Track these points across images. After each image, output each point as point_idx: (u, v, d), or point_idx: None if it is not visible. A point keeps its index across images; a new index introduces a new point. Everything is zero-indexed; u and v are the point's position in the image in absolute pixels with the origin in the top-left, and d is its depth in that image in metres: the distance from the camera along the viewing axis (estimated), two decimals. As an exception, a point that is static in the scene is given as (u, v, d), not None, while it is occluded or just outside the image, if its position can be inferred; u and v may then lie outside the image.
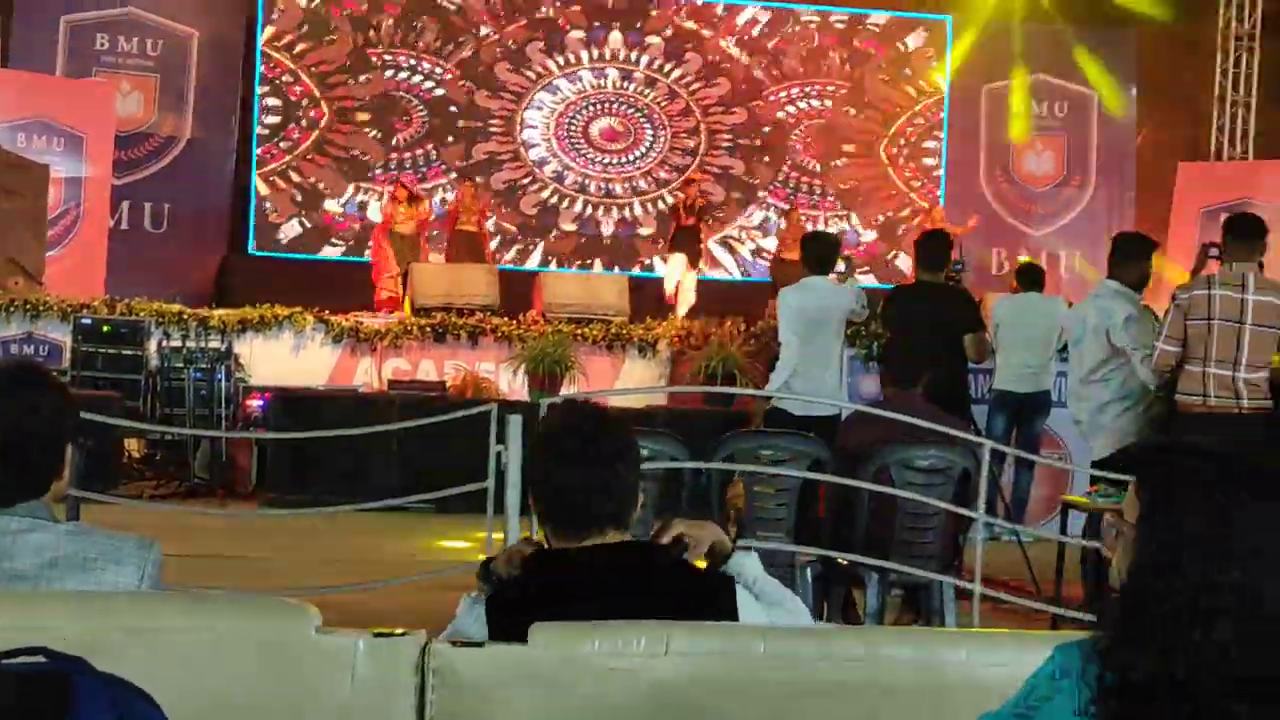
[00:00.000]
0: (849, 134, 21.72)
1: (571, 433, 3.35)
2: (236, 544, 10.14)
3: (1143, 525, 2.28)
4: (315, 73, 20.44)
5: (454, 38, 20.86)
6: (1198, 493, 2.22)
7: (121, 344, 14.12)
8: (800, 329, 9.63)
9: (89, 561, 3.21)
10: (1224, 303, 8.11)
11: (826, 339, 9.76)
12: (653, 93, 21.40)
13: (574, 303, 16.40)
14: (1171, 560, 2.20)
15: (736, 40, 21.59)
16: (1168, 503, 2.25)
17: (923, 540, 7.50)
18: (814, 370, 9.62)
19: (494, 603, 3.20)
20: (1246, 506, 2.19)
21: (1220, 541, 2.17)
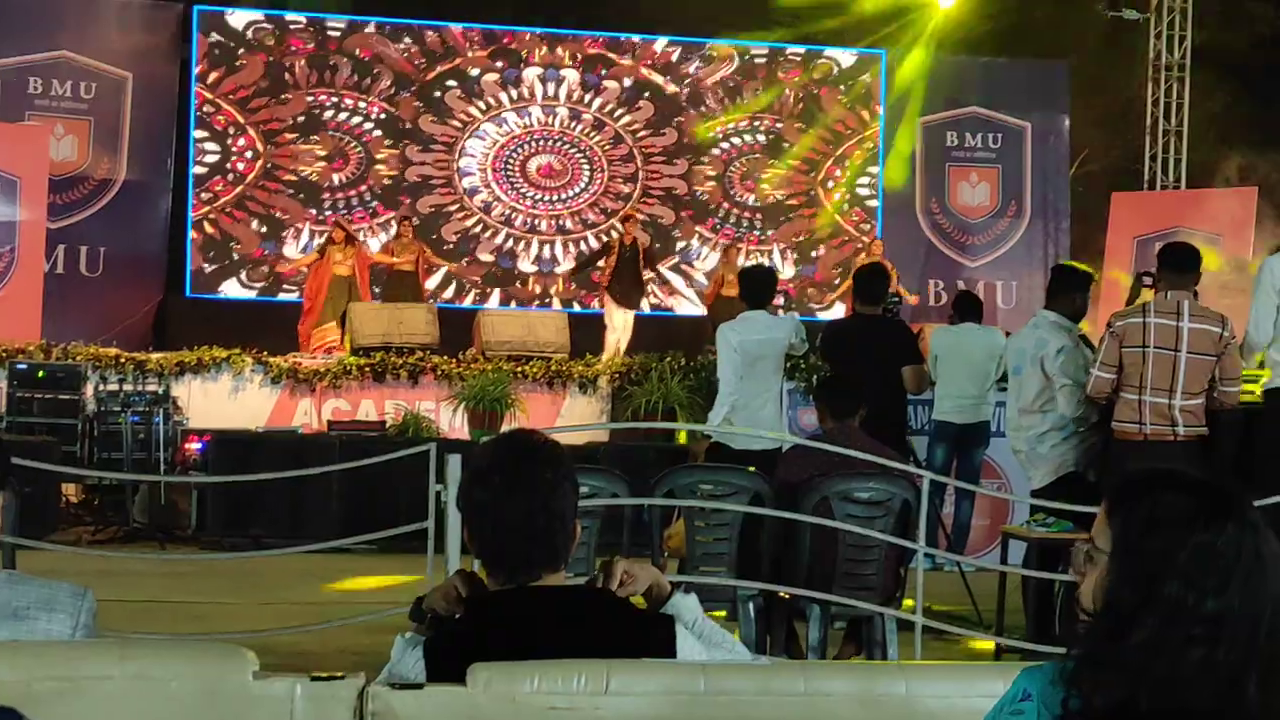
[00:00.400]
0: (786, 169, 21.76)
1: (505, 462, 3.31)
2: (176, 588, 10.07)
3: (1119, 554, 2.28)
4: (251, 113, 20.36)
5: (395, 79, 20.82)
6: (1178, 525, 2.23)
7: (58, 389, 14.02)
8: (739, 363, 9.57)
9: (21, 610, 3.18)
10: (1159, 331, 8.16)
11: (766, 373, 9.72)
12: (598, 135, 21.41)
13: (513, 340, 16.38)
14: (1146, 589, 2.20)
15: (680, 78, 21.62)
16: (1147, 534, 2.25)
17: (864, 572, 7.51)
18: (754, 404, 9.59)
19: (432, 644, 3.17)
20: (1228, 535, 2.20)
21: (1197, 573, 2.18)
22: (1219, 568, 2.19)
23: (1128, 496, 2.34)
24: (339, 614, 8.45)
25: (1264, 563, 2.20)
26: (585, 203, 21.31)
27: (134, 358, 14.92)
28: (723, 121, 21.67)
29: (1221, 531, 2.21)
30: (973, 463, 11.92)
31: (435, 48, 21.04)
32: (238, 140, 20.32)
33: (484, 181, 21.07)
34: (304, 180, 20.44)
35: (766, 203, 21.68)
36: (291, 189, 20.40)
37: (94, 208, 19.18)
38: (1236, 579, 2.18)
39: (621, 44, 21.54)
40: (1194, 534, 2.21)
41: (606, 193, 21.38)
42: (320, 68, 20.61)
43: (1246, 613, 2.17)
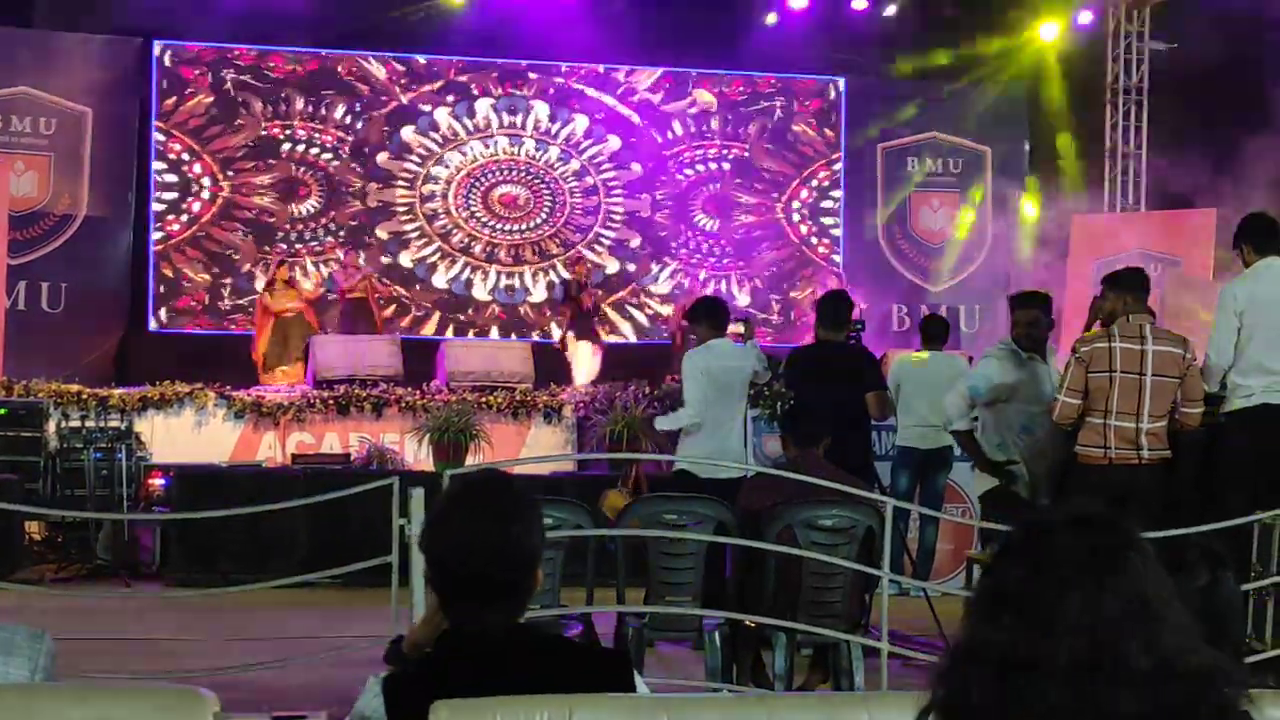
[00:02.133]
0: (747, 195, 21.81)
1: (470, 503, 3.32)
2: (140, 626, 10.02)
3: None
4: (210, 147, 20.33)
5: (356, 107, 20.82)
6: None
7: (20, 426, 13.95)
8: (706, 390, 9.64)
9: (-21, 655, 3.16)
10: (1125, 355, 8.21)
11: (732, 401, 9.80)
12: (563, 166, 21.42)
13: (477, 371, 16.37)
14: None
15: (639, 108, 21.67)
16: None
17: (829, 600, 7.53)
18: (719, 432, 9.64)
19: (391, 683, 3.17)
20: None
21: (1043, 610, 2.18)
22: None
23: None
24: (304, 649, 8.42)
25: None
26: (545, 234, 21.30)
27: (96, 394, 14.86)
28: (688, 148, 21.70)
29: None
30: (936, 488, 11.97)
31: (397, 78, 21.03)
32: (195, 172, 20.26)
33: (444, 209, 21.05)
34: (261, 214, 20.39)
35: (730, 230, 21.70)
36: (247, 225, 20.35)
37: (55, 243, 19.10)
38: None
39: (586, 74, 21.56)
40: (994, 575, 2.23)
41: (567, 224, 21.38)
42: (276, 100, 20.58)
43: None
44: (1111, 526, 2.21)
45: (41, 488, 13.69)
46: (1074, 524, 2.21)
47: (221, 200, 20.30)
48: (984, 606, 2.21)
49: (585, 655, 3.38)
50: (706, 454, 9.40)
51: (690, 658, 7.70)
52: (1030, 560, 2.19)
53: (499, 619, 3.24)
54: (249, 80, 20.56)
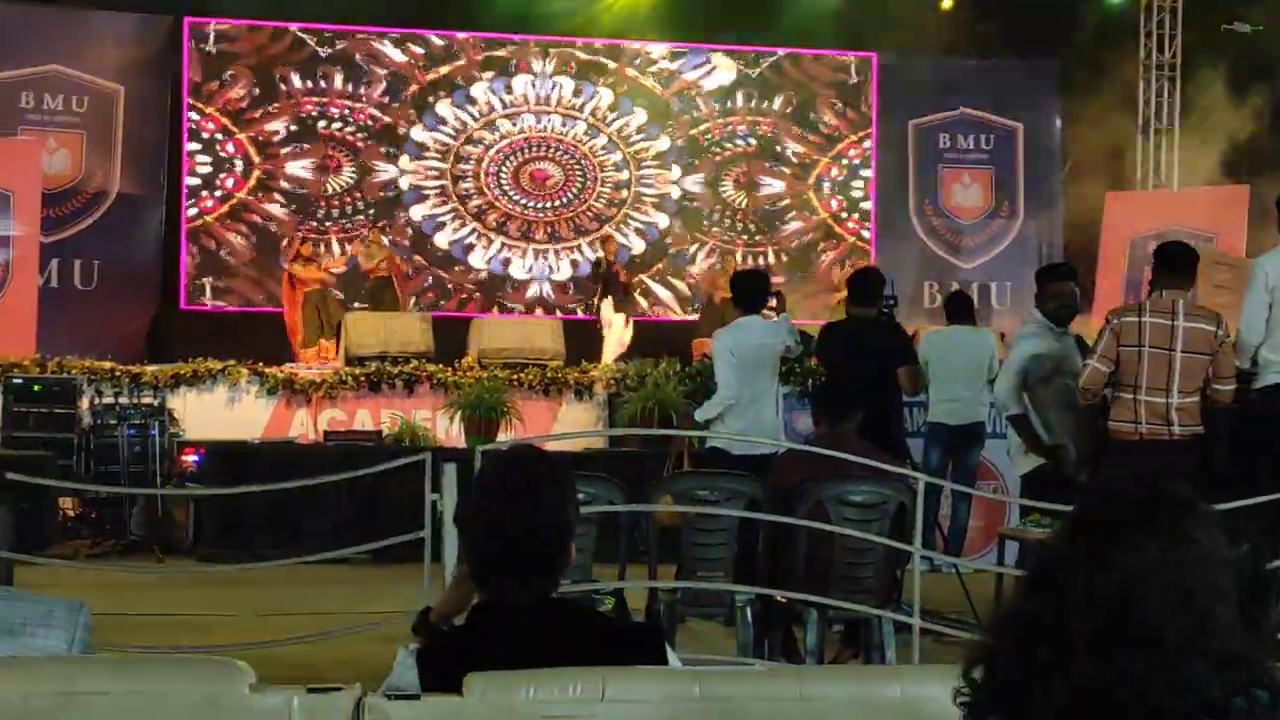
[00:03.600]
0: (776, 172, 21.77)
1: (506, 478, 3.34)
2: (174, 601, 10.06)
3: None
4: (242, 124, 20.37)
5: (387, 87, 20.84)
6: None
7: (54, 403, 13.99)
8: (736, 369, 9.58)
9: (17, 627, 3.18)
10: (1154, 330, 8.17)
11: (763, 378, 9.73)
12: (592, 141, 21.42)
13: (509, 348, 16.38)
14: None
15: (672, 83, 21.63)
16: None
17: (861, 575, 7.53)
18: (751, 409, 9.58)
19: (426, 655, 3.18)
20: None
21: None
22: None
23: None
24: (337, 625, 8.45)
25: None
26: (578, 211, 21.30)
27: (129, 370, 14.90)
28: (717, 125, 21.68)
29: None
30: (968, 464, 11.92)
31: (429, 55, 21.03)
32: (229, 150, 20.31)
33: (477, 188, 21.06)
34: (295, 191, 20.43)
35: (760, 207, 21.68)
36: (283, 199, 20.39)
37: (87, 221, 19.19)
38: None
39: (616, 51, 21.52)
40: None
41: (599, 199, 21.38)
42: (311, 76, 20.61)
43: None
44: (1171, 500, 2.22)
45: (75, 464, 13.73)
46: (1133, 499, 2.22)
47: (254, 178, 20.34)
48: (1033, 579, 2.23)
49: (618, 628, 3.39)
50: (739, 431, 9.39)
51: (722, 634, 7.71)
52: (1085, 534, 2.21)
53: (533, 592, 3.25)
54: (280, 57, 20.58)
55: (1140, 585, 2.13)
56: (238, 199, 20.29)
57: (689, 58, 21.71)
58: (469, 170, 21.06)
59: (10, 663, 3.08)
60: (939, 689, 2.99)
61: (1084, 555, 2.19)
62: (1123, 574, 2.14)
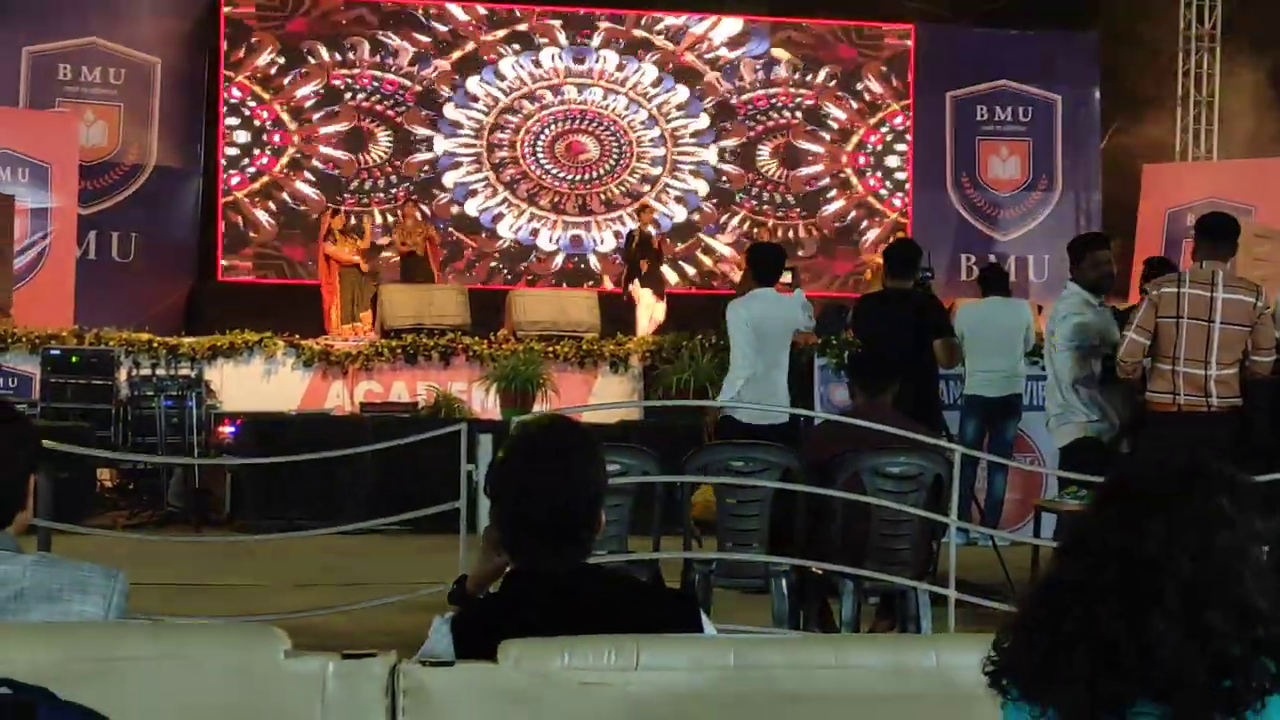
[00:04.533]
0: (815, 144, 21.72)
1: (535, 446, 3.34)
2: (210, 571, 10.10)
3: None
4: (279, 97, 20.40)
5: (421, 58, 20.84)
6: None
7: (91, 374, 14.05)
8: (751, 340, 9.64)
9: (55, 593, 3.19)
10: (1193, 301, 8.13)
11: (777, 349, 9.79)
12: (630, 114, 21.39)
13: (545, 320, 16.39)
14: None
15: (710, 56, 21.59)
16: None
17: (897, 547, 7.50)
18: (765, 380, 9.64)
19: (460, 622, 3.19)
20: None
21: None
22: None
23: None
24: (372, 595, 8.47)
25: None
26: (613, 184, 21.29)
27: (166, 342, 14.95)
28: (757, 97, 21.62)
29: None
30: (1004, 437, 11.90)
31: (464, 24, 21.01)
32: (265, 123, 20.35)
33: (512, 158, 21.06)
34: (332, 162, 20.45)
35: (796, 180, 21.62)
36: (316, 174, 20.42)
37: (125, 193, 19.25)
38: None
39: (655, 23, 21.49)
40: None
41: (634, 173, 21.36)
42: (344, 49, 20.62)
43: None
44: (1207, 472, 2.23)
45: (113, 435, 13.79)
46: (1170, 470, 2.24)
47: (291, 150, 20.37)
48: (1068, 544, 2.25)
49: (652, 595, 3.39)
50: (753, 401, 9.46)
51: (756, 606, 7.70)
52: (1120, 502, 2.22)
53: (563, 559, 3.25)
54: (316, 29, 20.58)
55: (1170, 550, 2.14)
56: (274, 172, 20.31)
57: (727, 28, 21.63)
58: (505, 139, 21.04)
59: (48, 628, 3.10)
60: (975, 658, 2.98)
61: (1118, 523, 2.20)
62: (1155, 540, 2.15)
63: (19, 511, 3.34)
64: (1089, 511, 2.31)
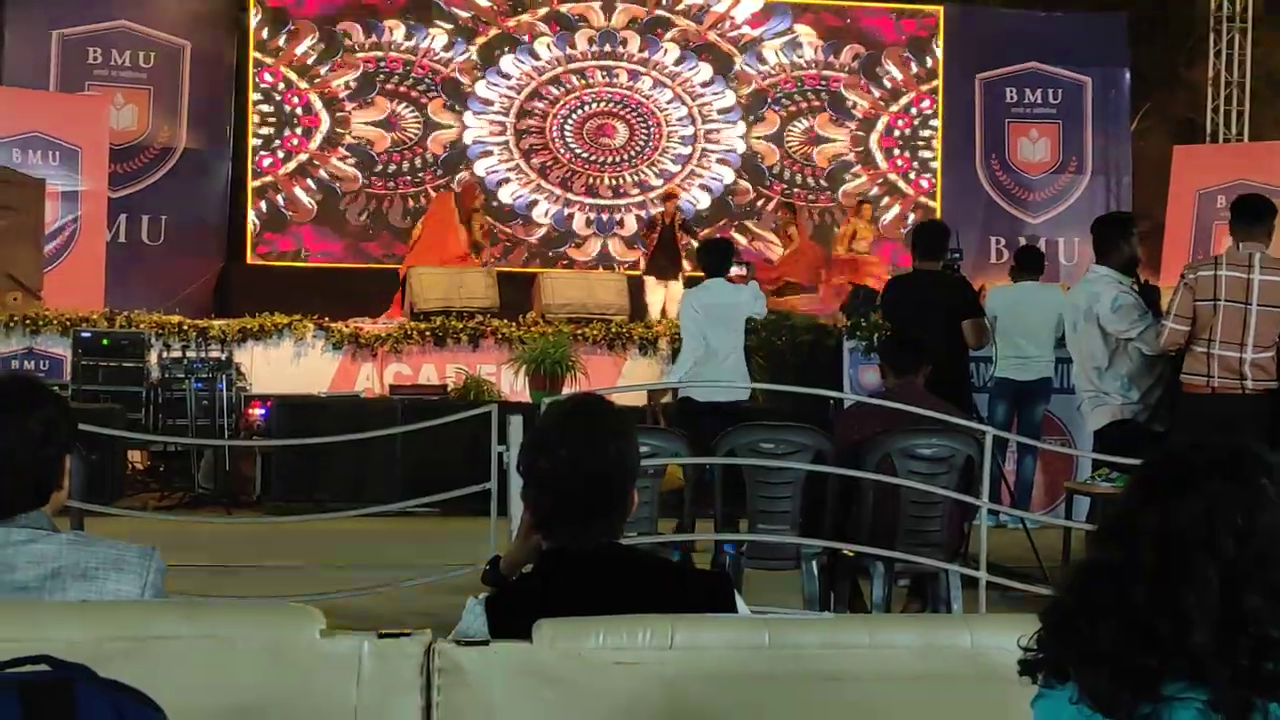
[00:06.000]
0: (842, 126, 21.67)
1: (567, 426, 3.34)
2: (241, 552, 10.14)
3: None
4: (309, 79, 20.39)
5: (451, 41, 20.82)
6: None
7: (122, 356, 14.09)
8: (703, 323, 10.84)
9: (90, 571, 3.20)
10: (1230, 284, 8.10)
11: (727, 332, 10.92)
12: (656, 95, 21.35)
13: (573, 302, 16.39)
14: None
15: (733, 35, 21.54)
16: None
17: (928, 529, 7.50)
18: (716, 359, 10.83)
19: (493, 603, 3.19)
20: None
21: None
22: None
23: None
24: (404, 576, 8.50)
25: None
26: (640, 166, 21.25)
27: (197, 325, 14.98)
28: (786, 79, 21.56)
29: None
30: (1033, 419, 11.87)
31: (493, 8, 20.99)
32: (295, 106, 20.35)
33: (541, 143, 21.05)
34: (360, 145, 20.45)
35: (823, 161, 21.57)
36: (346, 158, 20.41)
37: (155, 176, 19.28)
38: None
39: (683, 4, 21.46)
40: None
41: (664, 154, 21.33)
42: (376, 31, 20.61)
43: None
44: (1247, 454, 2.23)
45: (144, 417, 13.84)
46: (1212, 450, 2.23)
47: (320, 133, 20.37)
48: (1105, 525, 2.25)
49: (686, 575, 3.40)
50: (711, 380, 10.73)
51: (787, 587, 7.71)
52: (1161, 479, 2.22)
53: (596, 537, 3.25)
54: (347, 11, 20.57)
55: (1212, 531, 2.14)
56: (304, 155, 20.31)
57: (751, 8, 21.57)
58: (533, 125, 21.02)
59: (83, 607, 3.11)
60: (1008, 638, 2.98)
61: (1157, 504, 2.19)
62: (1195, 521, 2.15)
63: (55, 491, 3.35)
64: (1126, 493, 2.30)
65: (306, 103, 20.36)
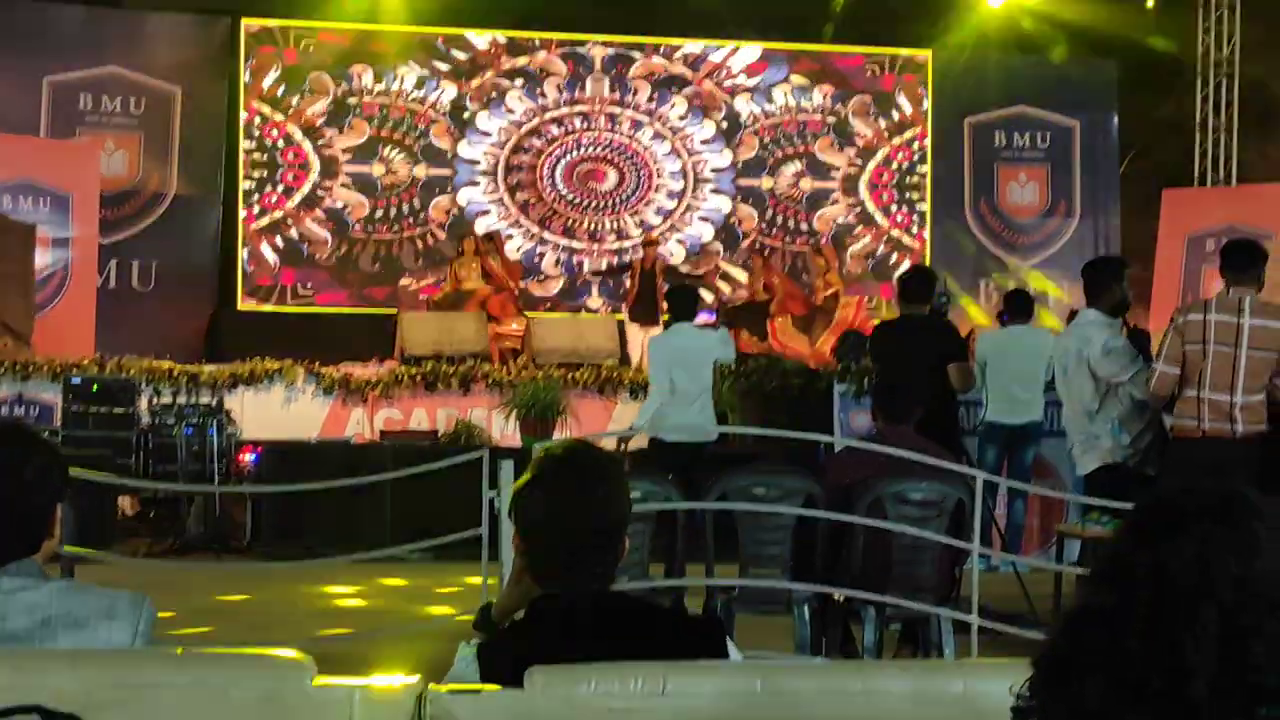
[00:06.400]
0: (832, 171, 21.70)
1: (559, 472, 3.34)
2: (232, 599, 10.11)
3: None
4: (300, 125, 20.40)
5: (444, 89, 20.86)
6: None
7: (112, 402, 14.05)
8: (670, 368, 11.03)
9: (82, 619, 3.20)
10: (1220, 328, 8.12)
11: (694, 376, 11.05)
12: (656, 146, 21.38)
13: (564, 347, 16.41)
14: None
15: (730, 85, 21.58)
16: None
17: (919, 573, 7.50)
18: (683, 402, 10.96)
19: (485, 649, 3.19)
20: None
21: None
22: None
23: None
24: (395, 622, 8.48)
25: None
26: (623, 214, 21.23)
27: (187, 370, 14.98)
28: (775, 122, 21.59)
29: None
30: (1024, 463, 11.88)
31: (487, 54, 21.03)
32: (287, 154, 20.37)
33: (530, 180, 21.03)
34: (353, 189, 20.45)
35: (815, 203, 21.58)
36: (338, 202, 20.42)
37: (145, 222, 19.30)
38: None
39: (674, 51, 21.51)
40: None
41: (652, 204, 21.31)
42: (370, 75, 20.62)
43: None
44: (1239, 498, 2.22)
45: (134, 463, 13.80)
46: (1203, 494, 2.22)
47: (312, 177, 20.38)
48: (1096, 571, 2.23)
49: (678, 622, 3.38)
50: (674, 424, 10.86)
51: (778, 632, 7.69)
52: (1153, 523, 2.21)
53: (588, 584, 3.25)
54: (339, 57, 20.59)
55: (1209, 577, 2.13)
56: (294, 201, 20.31)
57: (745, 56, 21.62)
58: (524, 162, 21.01)
59: (74, 655, 3.10)
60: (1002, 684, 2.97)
61: (1149, 549, 2.18)
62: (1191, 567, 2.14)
63: (46, 539, 3.35)
64: (1118, 538, 2.30)
65: (297, 148, 20.37)
